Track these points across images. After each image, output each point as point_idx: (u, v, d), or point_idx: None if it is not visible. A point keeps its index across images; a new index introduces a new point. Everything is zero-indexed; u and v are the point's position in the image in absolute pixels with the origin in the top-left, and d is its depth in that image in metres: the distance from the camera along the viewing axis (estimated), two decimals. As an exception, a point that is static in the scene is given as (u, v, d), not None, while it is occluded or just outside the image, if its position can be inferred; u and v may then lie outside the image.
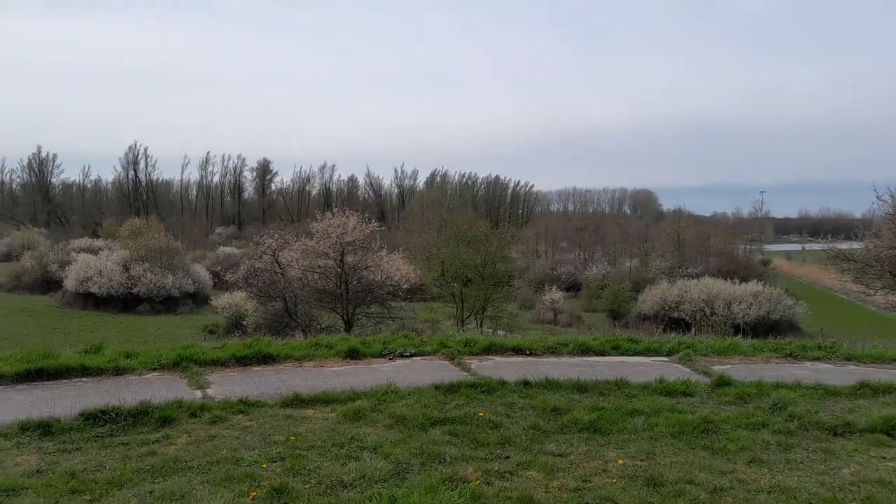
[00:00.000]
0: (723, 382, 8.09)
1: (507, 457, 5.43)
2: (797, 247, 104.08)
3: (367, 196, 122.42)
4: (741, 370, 9.22)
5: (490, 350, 10.19)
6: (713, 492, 4.76)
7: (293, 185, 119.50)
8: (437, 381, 7.81)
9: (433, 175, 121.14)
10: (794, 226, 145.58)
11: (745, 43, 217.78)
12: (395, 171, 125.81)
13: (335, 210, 25.62)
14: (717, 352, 10.35)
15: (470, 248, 30.83)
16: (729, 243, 63.36)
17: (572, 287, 54.88)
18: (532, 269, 59.55)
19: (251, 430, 6.03)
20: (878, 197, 22.16)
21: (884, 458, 5.70)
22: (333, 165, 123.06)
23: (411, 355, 9.67)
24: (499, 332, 24.91)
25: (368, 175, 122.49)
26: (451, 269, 30.77)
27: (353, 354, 9.55)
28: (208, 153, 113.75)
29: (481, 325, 28.22)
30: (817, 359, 10.16)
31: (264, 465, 5.08)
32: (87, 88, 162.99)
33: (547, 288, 45.04)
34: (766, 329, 32.50)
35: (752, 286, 37.44)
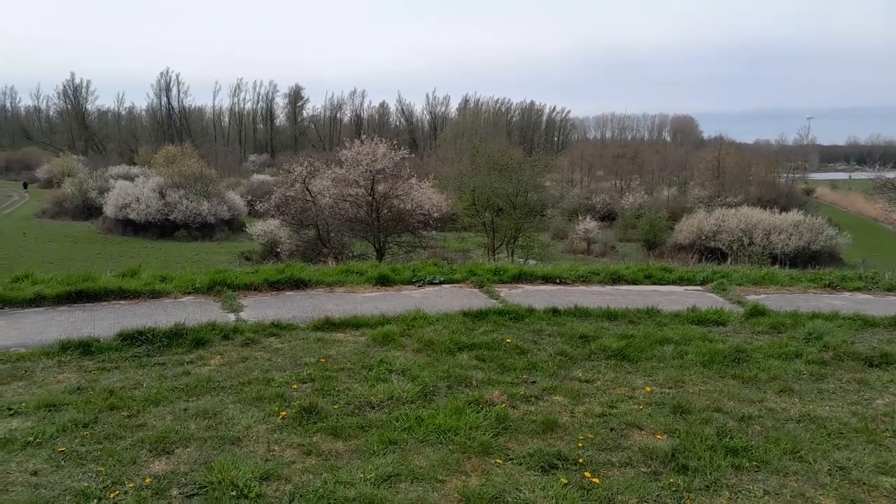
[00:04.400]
0: (757, 312, 7.95)
1: (534, 381, 5.45)
2: (844, 175, 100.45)
3: (398, 123, 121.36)
4: (777, 300, 9.04)
5: (520, 278, 10.16)
6: (741, 420, 4.72)
7: (324, 111, 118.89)
8: (466, 307, 7.83)
9: (465, 101, 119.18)
10: (842, 153, 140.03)
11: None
12: (427, 97, 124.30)
13: (363, 138, 25.36)
14: (752, 281, 10.15)
15: (502, 176, 30.43)
16: (771, 172, 61.52)
17: (607, 217, 54.24)
18: (566, 199, 58.87)
19: (282, 352, 6.15)
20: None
21: (921, 389, 5.57)
22: (364, 91, 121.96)
23: (441, 283, 9.69)
24: (530, 261, 24.86)
25: (400, 101, 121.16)
26: (482, 199, 30.52)
27: (383, 281, 9.61)
28: (240, 79, 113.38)
29: (512, 255, 28.21)
30: (857, 289, 9.90)
31: (295, 386, 5.19)
32: (118, 14, 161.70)
33: (581, 217, 44.60)
34: (806, 260, 31.81)
35: (793, 216, 36.48)
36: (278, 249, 27.81)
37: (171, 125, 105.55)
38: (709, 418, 4.69)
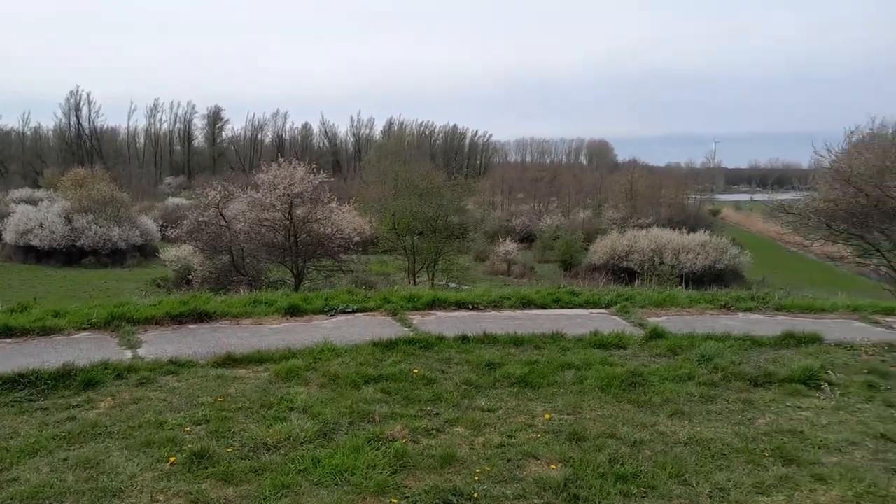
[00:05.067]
0: (656, 335, 8.28)
1: (437, 413, 5.46)
2: (746, 197, 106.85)
3: (321, 145, 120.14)
4: (676, 322, 9.44)
5: (434, 305, 10.20)
6: (633, 445, 4.89)
7: (245, 132, 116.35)
8: (377, 337, 7.78)
9: (390, 123, 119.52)
10: (745, 176, 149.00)
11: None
12: (351, 118, 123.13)
13: (282, 160, 24.97)
14: (654, 303, 10.57)
15: (422, 200, 30.63)
16: (680, 193, 64.62)
17: (527, 238, 55.40)
18: (488, 221, 59.84)
19: (179, 392, 5.92)
20: (815, 151, 22.78)
21: (799, 407, 5.94)
22: (286, 112, 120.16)
23: (354, 311, 9.61)
24: (450, 284, 25.05)
25: (323, 123, 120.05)
26: (402, 223, 30.58)
27: (293, 311, 9.43)
28: (157, 100, 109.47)
29: (433, 278, 28.32)
30: (749, 310, 10.47)
31: (188, 429, 5.00)
32: (26, 29, 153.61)
33: (501, 239, 45.38)
34: (712, 278, 33.54)
35: (700, 236, 38.42)
36: (190, 277, 26.85)
37: (81, 146, 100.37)
38: (602, 445, 4.84)
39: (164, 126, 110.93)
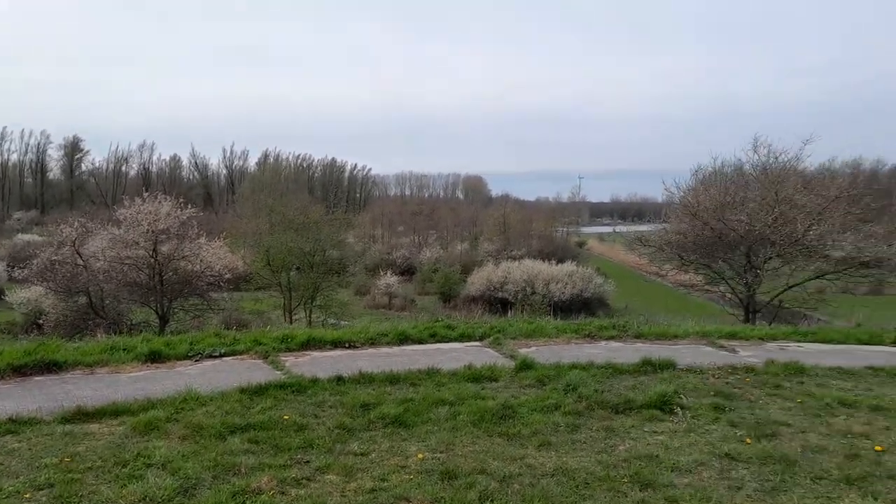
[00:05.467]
0: (525, 366, 8.57)
1: (308, 461, 5.31)
2: (609, 229, 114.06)
3: (191, 177, 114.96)
4: (545, 352, 9.82)
5: (308, 345, 9.98)
6: (502, 480, 5.00)
7: (108, 164, 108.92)
8: (246, 382, 7.47)
9: (265, 155, 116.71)
10: (607, 209, 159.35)
11: (576, 42, 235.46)
12: (224, 150, 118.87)
13: (146, 195, 23.64)
14: (525, 334, 10.97)
15: (299, 235, 30.00)
16: (549, 226, 67.95)
17: (407, 271, 55.73)
18: (368, 254, 59.58)
19: (18, 454, 5.36)
20: (666, 188, 24.89)
21: (655, 432, 6.34)
22: (153, 144, 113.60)
23: (221, 355, 9.19)
24: (329, 320, 24.61)
25: (193, 155, 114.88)
26: (277, 258, 29.73)
27: (155, 357, 8.87)
28: (3, 128, 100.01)
29: (310, 315, 27.67)
30: (611, 338, 11.12)
31: (28, 495, 4.53)
32: None
33: (382, 273, 45.34)
34: (580, 306, 35.35)
35: (568, 266, 40.47)
36: (41, 321, 24.54)
37: None
38: (473, 482, 4.91)
39: (14, 157, 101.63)
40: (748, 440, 6.04)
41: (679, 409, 6.96)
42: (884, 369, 9.05)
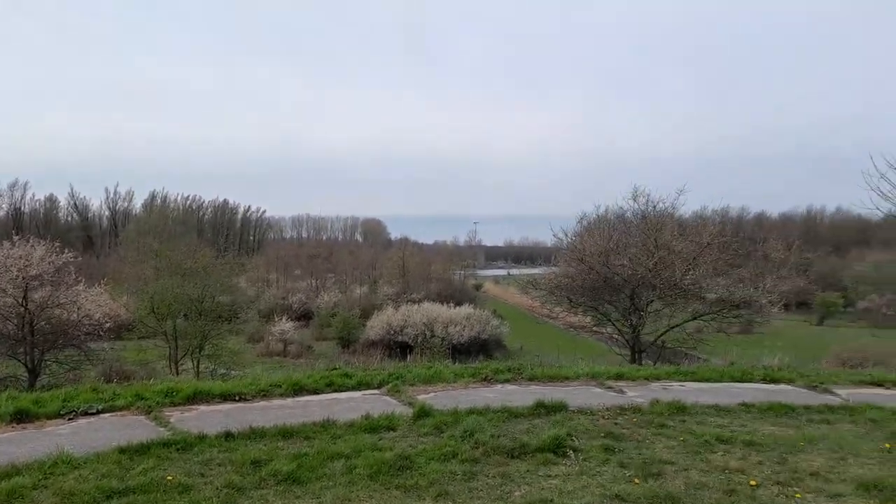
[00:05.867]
0: (423, 413, 8.53)
1: (193, 526, 5.02)
2: (503, 272, 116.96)
3: (70, 219, 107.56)
4: (443, 398, 9.83)
5: (195, 398, 9.48)
6: (399, 533, 4.94)
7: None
8: (125, 442, 6.99)
9: (153, 196, 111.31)
10: (502, 253, 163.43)
11: (470, 87, 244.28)
12: (107, 191, 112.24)
13: (17, 238, 21.88)
14: (423, 380, 10.96)
15: (186, 280, 28.62)
16: (447, 269, 68.79)
17: (304, 316, 54.43)
18: (262, 299, 57.73)
19: None
20: (554, 234, 26.05)
21: (549, 476, 6.47)
22: (27, 183, 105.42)
23: (98, 412, 8.55)
24: (219, 371, 23.47)
25: (72, 195, 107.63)
26: (162, 306, 28.14)
27: (21, 417, 8.14)
28: None
29: (198, 366, 26.29)
30: (507, 381, 11.31)
31: None
32: None
33: (277, 318, 43.97)
34: (478, 348, 35.84)
35: (466, 309, 41.04)
36: None
37: None
38: (369, 538, 4.82)
39: None
40: (636, 480, 6.29)
41: (571, 451, 7.15)
42: (755, 405, 9.72)
